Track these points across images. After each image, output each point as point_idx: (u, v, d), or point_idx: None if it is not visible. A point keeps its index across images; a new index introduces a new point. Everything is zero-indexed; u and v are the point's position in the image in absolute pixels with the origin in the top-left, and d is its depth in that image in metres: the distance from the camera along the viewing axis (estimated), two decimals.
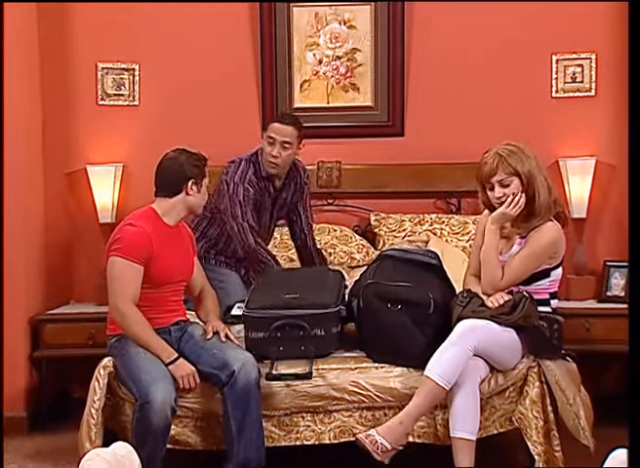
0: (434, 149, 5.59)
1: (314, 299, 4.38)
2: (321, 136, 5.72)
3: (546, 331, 4.13)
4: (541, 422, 4.10)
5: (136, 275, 4.22)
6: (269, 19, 5.70)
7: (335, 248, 5.41)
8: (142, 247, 4.22)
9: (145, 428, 3.99)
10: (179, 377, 4.09)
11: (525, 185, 4.16)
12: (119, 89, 5.81)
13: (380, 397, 4.20)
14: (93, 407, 4.16)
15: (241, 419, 4.10)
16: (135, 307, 4.18)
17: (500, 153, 4.17)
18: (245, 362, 4.12)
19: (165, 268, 4.29)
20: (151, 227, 4.29)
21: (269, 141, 4.86)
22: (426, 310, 4.23)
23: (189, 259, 4.44)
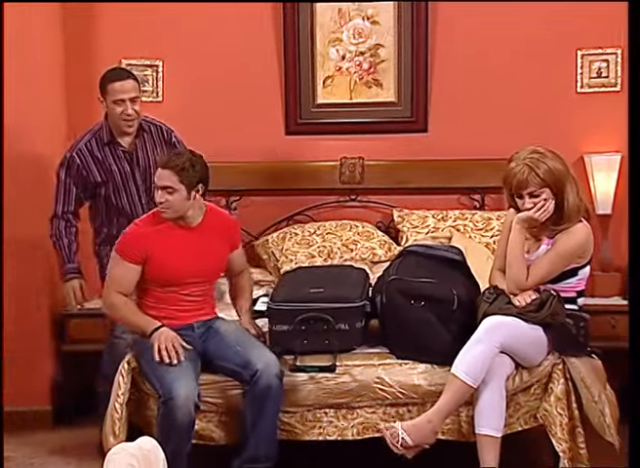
0: (458, 145, 5.57)
1: (339, 294, 4.40)
2: (344, 131, 5.76)
3: (572, 329, 4.14)
4: (566, 419, 4.09)
5: (127, 272, 4.29)
6: (292, 14, 5.69)
7: (357, 244, 5.39)
8: (136, 247, 4.28)
9: (169, 424, 4.00)
10: (156, 346, 4.10)
11: (555, 193, 4.14)
12: (143, 85, 5.78)
13: (404, 393, 4.20)
14: (117, 401, 4.19)
15: (256, 416, 4.12)
16: (121, 296, 4.28)
17: (530, 165, 4.11)
18: (268, 362, 4.12)
19: (165, 269, 4.27)
20: (155, 228, 4.31)
21: (118, 103, 4.67)
22: (450, 306, 4.23)
23: (211, 260, 4.34)
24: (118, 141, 4.78)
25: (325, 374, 4.22)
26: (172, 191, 4.18)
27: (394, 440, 3.93)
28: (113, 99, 4.65)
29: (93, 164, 4.76)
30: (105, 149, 4.77)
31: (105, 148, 4.77)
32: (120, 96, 4.64)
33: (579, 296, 4.26)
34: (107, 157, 4.78)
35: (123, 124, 4.72)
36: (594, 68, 5.58)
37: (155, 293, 4.33)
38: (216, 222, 4.37)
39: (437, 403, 4.00)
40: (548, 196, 4.14)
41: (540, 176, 4.11)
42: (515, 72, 5.59)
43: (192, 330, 4.32)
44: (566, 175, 4.17)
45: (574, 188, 4.18)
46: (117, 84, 4.66)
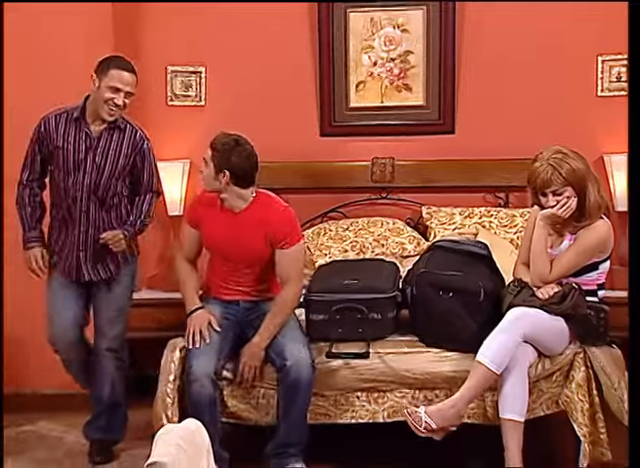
0: (483, 146, 5.55)
1: (372, 285, 4.42)
2: (375, 133, 5.76)
3: (593, 320, 4.14)
4: (587, 405, 4.09)
5: (189, 235, 4.50)
6: (327, 23, 5.70)
7: (387, 239, 5.39)
8: (193, 211, 4.51)
9: (189, 399, 4.10)
10: (188, 329, 4.21)
11: (577, 191, 4.13)
12: (187, 90, 5.85)
13: (432, 379, 4.22)
14: (169, 386, 4.21)
15: (287, 406, 4.14)
16: (187, 265, 4.49)
17: (553, 164, 4.10)
18: (299, 359, 4.12)
19: (208, 241, 4.42)
20: (210, 202, 4.41)
21: (113, 90, 4.35)
22: (477, 298, 4.23)
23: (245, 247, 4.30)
24: (87, 122, 4.46)
25: (358, 361, 4.23)
26: (206, 165, 4.32)
27: (417, 424, 3.94)
28: (110, 85, 4.35)
29: (54, 135, 4.45)
30: (70, 125, 4.46)
31: (71, 124, 4.46)
32: (119, 84, 4.36)
33: (599, 289, 4.26)
34: (69, 133, 4.45)
35: (106, 110, 4.38)
36: (614, 73, 5.56)
37: (212, 262, 4.50)
38: (260, 215, 4.31)
39: (462, 388, 4.00)
40: (571, 194, 4.12)
41: (563, 176, 4.10)
42: (538, 77, 5.56)
43: (237, 305, 4.38)
44: (587, 174, 4.16)
45: (595, 187, 4.17)
46: (122, 73, 4.38)
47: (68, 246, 4.51)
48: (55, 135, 4.45)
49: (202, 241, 4.45)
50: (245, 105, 5.65)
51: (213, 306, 4.36)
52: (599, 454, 4.06)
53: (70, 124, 4.45)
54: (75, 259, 4.49)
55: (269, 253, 4.31)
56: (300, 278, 4.38)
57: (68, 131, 4.45)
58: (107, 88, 4.35)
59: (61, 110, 4.50)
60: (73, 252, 4.49)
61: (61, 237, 4.54)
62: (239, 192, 4.29)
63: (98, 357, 4.63)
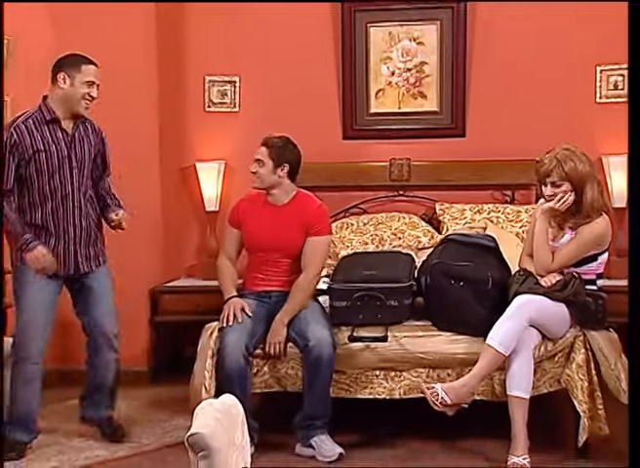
0: (492, 148, 5.53)
1: (389, 275, 4.43)
2: (393, 136, 5.76)
3: (592, 306, 4.13)
4: (586, 384, 4.08)
5: (230, 236, 4.58)
6: (350, 37, 5.70)
7: (404, 232, 5.37)
8: (236, 213, 4.56)
9: (221, 370, 4.12)
10: (224, 312, 4.27)
11: (575, 188, 4.11)
12: (223, 97, 5.87)
13: (444, 360, 4.23)
14: (206, 363, 4.23)
15: (311, 382, 4.17)
16: (227, 261, 4.53)
17: (559, 158, 4.10)
18: (320, 339, 4.15)
19: (248, 235, 4.46)
20: (251, 201, 4.53)
21: (87, 83, 4.16)
22: (485, 286, 4.24)
23: (288, 236, 4.38)
24: (60, 121, 4.21)
25: (378, 343, 4.24)
26: (262, 164, 4.38)
27: (434, 398, 3.96)
28: (86, 80, 4.15)
29: (30, 140, 4.12)
30: (44, 128, 4.16)
31: (44, 127, 4.16)
32: (93, 78, 4.18)
33: (598, 278, 4.24)
34: (45, 136, 4.17)
35: (82, 104, 4.18)
36: (611, 82, 5.53)
37: (249, 259, 4.55)
38: (299, 207, 4.43)
39: (473, 368, 4.01)
40: (568, 189, 4.11)
41: (565, 170, 4.09)
42: (542, 85, 5.53)
43: (268, 296, 4.41)
44: (589, 175, 4.13)
45: (594, 187, 4.14)
46: (92, 68, 4.21)
47: (63, 242, 4.24)
48: (30, 140, 4.12)
49: (243, 239, 4.49)
50: (275, 112, 5.65)
51: (247, 298, 4.39)
52: (597, 429, 4.05)
53: (43, 126, 4.16)
54: (73, 254, 4.27)
55: (303, 242, 4.38)
56: (320, 266, 4.42)
57: (43, 133, 4.16)
58: (83, 83, 4.15)
59: (26, 116, 4.17)
60: (70, 246, 4.26)
61: (52, 236, 4.22)
62: (288, 186, 4.43)
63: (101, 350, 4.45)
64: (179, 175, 5.87)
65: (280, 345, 4.22)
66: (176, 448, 4.26)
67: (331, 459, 4.09)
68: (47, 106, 4.19)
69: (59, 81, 4.16)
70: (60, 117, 4.20)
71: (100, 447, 4.41)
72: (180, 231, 5.87)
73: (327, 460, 4.09)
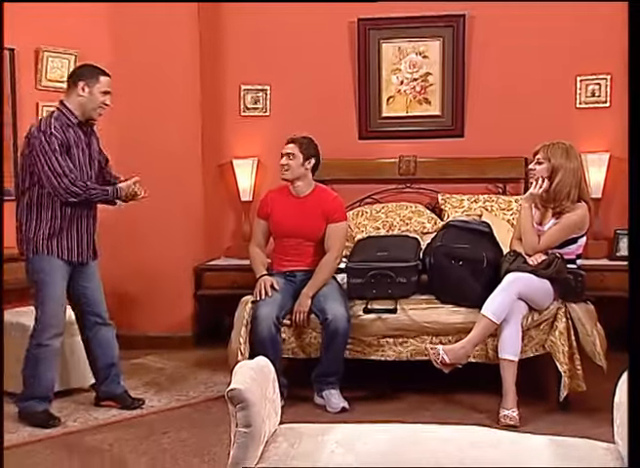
0: (487, 147, 5.50)
1: (399, 256, 4.43)
2: (401, 137, 5.73)
3: (572, 282, 4.14)
4: (567, 348, 4.09)
5: (259, 226, 4.57)
6: (365, 51, 5.68)
7: (411, 219, 5.36)
8: (264, 206, 4.55)
9: (255, 336, 4.14)
10: (256, 288, 4.28)
11: (550, 172, 4.12)
12: (255, 103, 5.86)
13: (445, 328, 4.24)
14: (242, 329, 4.26)
15: (327, 347, 4.20)
16: (257, 249, 4.52)
17: (551, 144, 4.18)
18: (337, 314, 4.16)
19: (275, 223, 4.46)
20: (277, 193, 4.53)
21: (104, 93, 4.04)
22: (481, 265, 4.25)
23: (310, 223, 4.40)
24: (82, 124, 4.08)
25: (388, 314, 4.26)
26: (292, 157, 4.40)
27: (436, 358, 3.98)
28: (103, 90, 4.04)
29: (65, 138, 3.97)
30: (70, 130, 4.01)
31: (70, 130, 4.01)
32: (109, 88, 4.07)
33: (577, 258, 4.24)
34: (72, 137, 4.01)
35: (98, 111, 4.08)
36: (589, 90, 5.49)
37: (276, 243, 4.56)
38: (319, 198, 4.45)
39: (469, 335, 4.03)
40: (545, 168, 4.14)
41: (549, 153, 4.14)
42: (530, 93, 5.50)
43: (294, 276, 4.42)
44: (565, 167, 4.13)
45: (568, 179, 4.13)
46: (108, 78, 4.10)
47: (82, 233, 4.09)
48: (62, 140, 3.96)
49: (271, 229, 4.50)
50: (300, 115, 5.65)
51: (276, 277, 4.40)
52: (576, 386, 4.07)
53: (69, 128, 4.01)
54: (86, 243, 4.11)
55: (324, 228, 4.40)
56: (341, 248, 4.44)
57: (70, 134, 4.01)
58: (101, 93, 4.04)
59: (54, 118, 3.99)
60: (84, 237, 4.11)
61: (73, 227, 4.05)
62: (310, 179, 4.45)
63: (99, 330, 4.24)
64: (218, 170, 5.88)
65: (304, 314, 4.25)
66: (217, 400, 4.29)
67: (335, 411, 4.12)
68: (69, 110, 4.04)
69: (78, 89, 4.03)
70: (81, 120, 4.07)
71: (154, 399, 4.44)
72: (219, 218, 5.90)
73: (332, 411, 4.12)
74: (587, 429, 3.38)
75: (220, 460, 3.44)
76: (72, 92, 4.06)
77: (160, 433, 3.91)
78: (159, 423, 4.06)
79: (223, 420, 3.45)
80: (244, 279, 4.96)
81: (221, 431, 3.69)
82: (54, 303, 4.03)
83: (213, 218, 5.82)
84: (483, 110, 5.60)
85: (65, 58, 5.33)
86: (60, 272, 4.05)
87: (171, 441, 3.81)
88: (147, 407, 4.31)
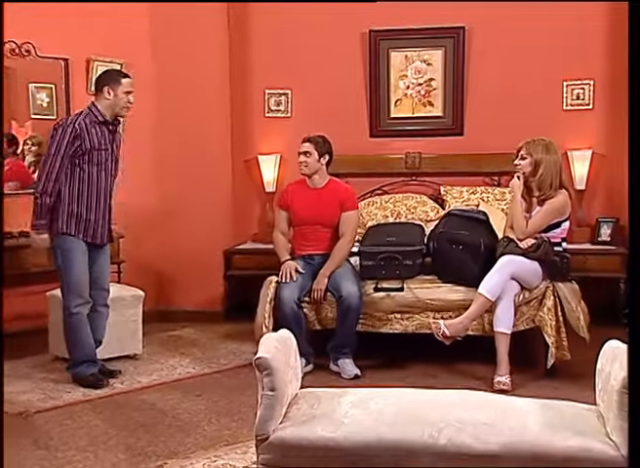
0: (483, 144, 5.44)
1: (406, 241, 4.44)
2: (408, 135, 5.68)
3: (559, 264, 4.14)
4: (554, 322, 4.09)
5: (280, 216, 4.55)
6: (375, 59, 5.65)
7: (416, 208, 5.32)
8: (284, 198, 4.54)
9: (279, 314, 4.17)
10: (281, 271, 4.28)
11: (533, 166, 4.13)
12: (278, 106, 5.83)
13: (446, 305, 4.24)
14: (267, 305, 4.28)
15: (341, 322, 4.21)
16: (280, 235, 4.50)
17: (532, 141, 4.18)
18: (349, 292, 4.18)
19: (295, 212, 4.45)
20: (296, 186, 4.52)
21: (127, 93, 4.03)
22: (479, 249, 4.25)
23: (327, 212, 4.40)
24: (109, 123, 4.08)
25: (396, 293, 4.27)
26: (309, 155, 4.39)
27: (437, 331, 4.00)
28: (126, 90, 4.03)
29: (87, 136, 3.97)
30: (97, 127, 4.01)
31: (97, 126, 4.01)
32: (131, 88, 4.07)
33: (562, 242, 4.24)
34: (98, 134, 4.01)
35: (124, 109, 4.08)
36: (575, 94, 5.44)
37: (295, 231, 4.53)
38: (333, 190, 4.47)
39: (467, 311, 4.04)
40: (528, 162, 4.15)
41: (530, 149, 4.15)
42: (522, 96, 5.45)
43: (312, 259, 4.41)
44: (546, 160, 4.13)
45: (551, 170, 4.13)
46: (129, 80, 4.09)
47: (98, 218, 4.07)
48: (88, 136, 3.98)
49: (291, 217, 4.48)
50: (318, 116, 5.61)
51: (297, 260, 4.41)
52: (561, 355, 4.07)
53: (96, 126, 4.02)
54: (100, 227, 4.10)
55: (338, 216, 4.40)
56: (353, 234, 4.44)
57: (97, 132, 4.02)
58: (124, 93, 4.04)
59: (83, 115, 4.02)
60: (99, 222, 4.09)
61: (91, 211, 4.05)
62: (325, 172, 4.45)
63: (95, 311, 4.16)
64: (245, 165, 5.85)
65: (321, 292, 4.26)
66: (245, 367, 4.31)
67: (348, 377, 4.13)
68: (98, 110, 4.03)
69: (104, 93, 4.03)
70: (108, 119, 4.06)
71: (189, 365, 4.47)
72: (246, 207, 5.90)
73: (346, 378, 4.13)
74: (572, 393, 3.37)
75: (248, 419, 3.47)
76: (100, 96, 4.06)
77: (195, 395, 3.96)
78: (194, 387, 4.10)
79: (250, 385, 3.50)
80: (268, 261, 4.95)
81: (249, 394, 3.72)
82: (76, 275, 4.02)
83: (240, 207, 5.83)
84: (480, 111, 5.57)
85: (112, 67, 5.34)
86: (79, 248, 4.04)
87: (205, 402, 3.86)
88: (183, 373, 4.35)
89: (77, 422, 3.61)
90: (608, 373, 2.37)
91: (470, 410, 2.42)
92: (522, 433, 2.30)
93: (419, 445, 2.30)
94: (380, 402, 2.51)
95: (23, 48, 4.96)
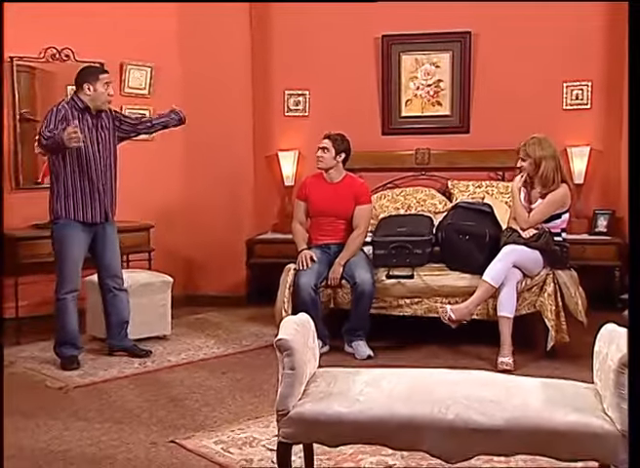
0: (488, 141, 5.43)
1: (415, 231, 4.43)
2: (418, 133, 5.66)
3: (558, 252, 4.13)
4: (554, 307, 4.08)
5: (299, 207, 4.51)
6: (387, 62, 5.63)
7: (425, 201, 5.32)
8: (303, 190, 4.52)
9: (297, 299, 4.16)
10: (298, 259, 4.26)
11: (534, 165, 4.10)
12: (297, 106, 5.82)
13: (453, 291, 4.24)
14: (286, 291, 4.28)
15: (355, 307, 4.21)
16: (299, 225, 4.46)
17: (526, 143, 4.14)
18: (363, 279, 4.17)
19: (313, 204, 4.43)
20: (313, 179, 4.50)
21: (107, 86, 3.99)
22: (484, 239, 4.24)
23: (342, 205, 4.39)
24: (90, 110, 3.99)
25: (406, 280, 4.27)
26: (326, 151, 4.37)
27: (444, 315, 4.00)
28: (105, 82, 3.98)
29: (71, 114, 3.93)
30: (76, 112, 3.95)
31: (78, 112, 3.95)
32: (108, 81, 4.02)
33: (562, 232, 4.22)
34: (78, 116, 3.94)
35: (105, 101, 4.01)
36: (574, 94, 5.40)
37: (312, 221, 4.51)
38: (348, 184, 4.45)
39: (472, 296, 4.03)
40: (529, 163, 4.12)
41: (527, 150, 4.13)
42: (525, 96, 5.41)
43: (328, 248, 4.40)
44: (545, 156, 4.10)
45: (550, 164, 4.10)
46: (106, 75, 4.05)
47: (94, 193, 3.99)
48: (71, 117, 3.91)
49: (309, 208, 4.47)
50: (334, 115, 5.58)
51: (314, 249, 4.40)
52: (560, 338, 4.06)
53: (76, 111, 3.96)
54: (98, 203, 4.01)
55: (353, 208, 4.40)
56: (365, 226, 4.42)
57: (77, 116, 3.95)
58: (104, 85, 3.98)
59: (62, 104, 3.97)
60: (96, 197, 4.00)
61: (85, 192, 3.98)
62: (341, 168, 4.43)
63: (114, 296, 4.15)
64: (266, 160, 5.86)
65: (337, 279, 4.27)
66: (266, 348, 4.34)
67: (362, 358, 4.13)
68: (79, 99, 3.98)
69: (84, 90, 3.98)
70: (89, 106, 3.97)
71: (214, 346, 4.49)
72: (267, 199, 5.90)
73: (359, 358, 4.13)
74: (570, 373, 3.37)
75: (269, 396, 3.50)
76: (80, 92, 4.01)
77: (220, 373, 3.98)
78: (219, 365, 4.12)
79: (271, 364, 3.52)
80: (287, 250, 4.94)
81: (269, 373, 3.75)
82: (69, 263, 3.95)
83: (262, 200, 5.83)
84: (485, 111, 5.54)
85: (144, 70, 5.38)
86: (77, 236, 3.97)
87: (229, 379, 3.88)
88: (209, 353, 4.36)
89: (112, 397, 3.65)
90: (605, 355, 2.37)
91: (476, 388, 2.43)
92: (525, 409, 2.30)
93: (428, 420, 2.30)
94: (392, 380, 2.51)
95: (63, 53, 4.99)
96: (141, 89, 5.39)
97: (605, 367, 2.34)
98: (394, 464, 2.78)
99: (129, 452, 2.98)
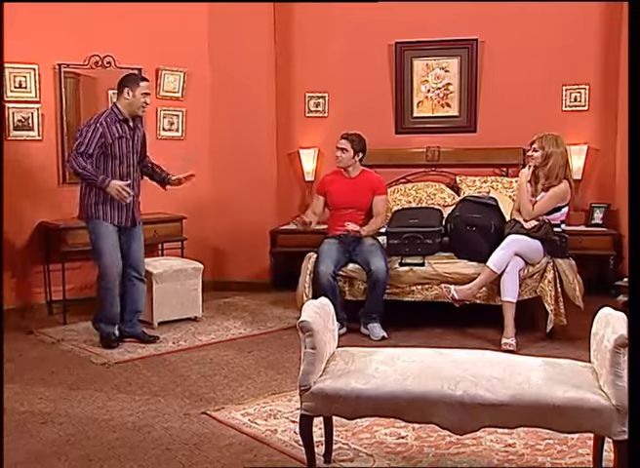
0: (494, 140, 5.40)
1: (427, 222, 4.43)
2: (429, 132, 5.63)
3: (558, 242, 4.12)
4: (554, 293, 4.06)
5: (317, 200, 4.54)
6: (400, 66, 5.60)
7: (435, 195, 5.29)
8: (322, 185, 4.54)
9: (317, 285, 4.17)
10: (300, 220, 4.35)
11: (544, 158, 4.07)
12: (317, 107, 5.80)
13: (461, 278, 4.21)
14: (307, 277, 4.30)
15: (370, 292, 4.21)
16: (311, 213, 4.49)
17: (544, 135, 4.13)
18: (378, 266, 4.17)
19: (333, 198, 4.44)
20: (333, 176, 4.51)
21: (144, 94, 3.93)
22: (490, 230, 4.23)
23: (360, 197, 4.41)
24: (128, 120, 3.97)
25: (418, 267, 4.26)
26: (345, 151, 4.38)
27: (448, 294, 4.03)
28: (143, 92, 3.93)
29: (109, 132, 3.87)
30: (117, 125, 3.91)
31: (117, 124, 3.91)
32: (147, 90, 3.98)
33: (561, 224, 4.20)
34: (119, 130, 3.92)
35: (142, 109, 3.97)
36: (572, 97, 5.34)
37: (332, 213, 4.53)
38: (366, 178, 4.48)
39: (475, 280, 4.05)
40: (540, 154, 4.09)
41: (542, 142, 4.10)
42: (527, 98, 5.37)
43: (346, 237, 4.38)
44: (555, 153, 4.09)
45: (559, 161, 4.09)
46: (146, 83, 4.01)
47: (122, 204, 3.93)
48: (109, 132, 3.89)
49: (328, 202, 4.47)
50: (351, 116, 5.57)
51: (332, 239, 4.39)
52: (559, 321, 4.05)
53: (117, 123, 3.93)
54: (125, 212, 3.99)
55: (370, 200, 4.43)
56: (384, 214, 4.48)
57: (117, 128, 3.92)
58: (142, 94, 3.93)
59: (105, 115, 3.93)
60: (123, 207, 3.97)
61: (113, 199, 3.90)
62: (358, 165, 4.46)
63: (133, 284, 4.09)
64: (288, 157, 5.85)
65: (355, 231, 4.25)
66: (288, 330, 4.35)
67: (377, 339, 4.12)
68: (118, 109, 3.95)
69: (124, 94, 3.94)
70: (127, 117, 3.96)
71: (241, 327, 4.49)
72: (289, 193, 5.90)
73: (374, 339, 4.13)
74: (569, 353, 3.36)
75: (291, 373, 3.53)
76: (120, 96, 3.98)
77: (246, 352, 4.00)
78: (245, 345, 4.14)
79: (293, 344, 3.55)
80: (308, 240, 4.98)
81: (291, 352, 3.80)
82: (107, 258, 3.96)
83: (284, 194, 5.84)
84: (491, 112, 5.49)
85: (177, 75, 5.40)
86: (110, 232, 3.96)
87: (254, 358, 3.90)
88: (236, 333, 4.38)
89: (150, 372, 3.69)
90: (602, 336, 2.36)
91: (482, 367, 2.43)
92: (527, 386, 2.31)
93: (439, 395, 2.32)
94: (405, 359, 2.53)
95: (105, 60, 5.02)
96: (175, 92, 5.41)
97: (602, 347, 2.34)
98: (406, 435, 2.80)
99: (165, 422, 3.03)
